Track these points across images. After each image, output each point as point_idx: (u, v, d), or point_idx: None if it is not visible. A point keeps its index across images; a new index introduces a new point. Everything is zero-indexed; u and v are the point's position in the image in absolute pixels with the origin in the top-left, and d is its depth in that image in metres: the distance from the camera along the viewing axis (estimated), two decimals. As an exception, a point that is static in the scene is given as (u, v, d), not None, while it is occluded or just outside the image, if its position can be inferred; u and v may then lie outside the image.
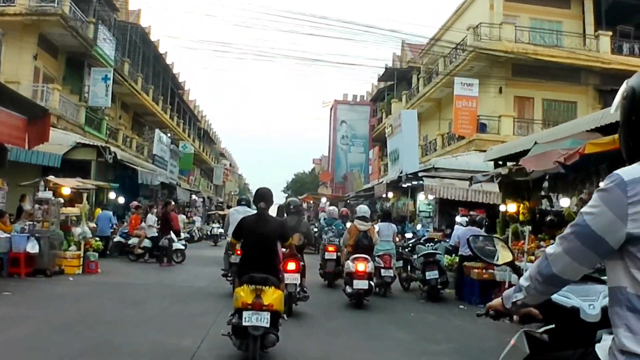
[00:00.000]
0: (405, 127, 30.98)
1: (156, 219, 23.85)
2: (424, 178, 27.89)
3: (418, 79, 44.95)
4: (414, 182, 29.81)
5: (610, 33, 33.29)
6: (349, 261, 14.20)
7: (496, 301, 3.07)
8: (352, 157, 54.75)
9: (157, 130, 42.27)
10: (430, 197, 28.47)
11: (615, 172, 2.40)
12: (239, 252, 10.24)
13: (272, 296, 7.65)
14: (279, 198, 58.80)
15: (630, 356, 2.26)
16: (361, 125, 55.82)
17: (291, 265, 11.66)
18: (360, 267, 13.75)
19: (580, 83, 33.45)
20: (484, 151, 30.17)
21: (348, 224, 17.71)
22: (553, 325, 3.18)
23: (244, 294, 7.65)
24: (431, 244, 18.66)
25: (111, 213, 25.05)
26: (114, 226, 25.24)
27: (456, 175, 28.11)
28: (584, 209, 2.47)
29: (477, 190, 27.02)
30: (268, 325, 7.51)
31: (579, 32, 34.25)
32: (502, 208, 18.98)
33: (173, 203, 26.68)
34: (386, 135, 35.49)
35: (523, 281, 2.76)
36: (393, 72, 49.92)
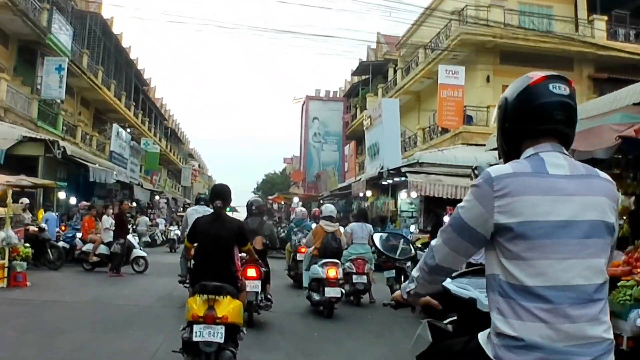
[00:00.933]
0: (386, 117, 27.79)
1: (113, 221, 20.33)
2: (407, 174, 25.12)
3: (395, 71, 42.06)
4: (396, 179, 26.80)
5: (606, 18, 30.65)
6: (316, 266, 12.83)
7: (397, 292, 3.25)
8: (325, 156, 51.51)
9: (114, 125, 38.66)
10: (414, 194, 25.59)
11: (486, 169, 2.66)
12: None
13: (228, 307, 6.78)
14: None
15: (502, 337, 2.47)
16: (334, 122, 52.65)
17: (251, 272, 10.73)
18: (332, 273, 12.47)
19: (574, 71, 30.76)
20: (473, 144, 27.54)
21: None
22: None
23: (196, 305, 6.78)
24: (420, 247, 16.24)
25: (55, 215, 21.50)
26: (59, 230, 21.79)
27: (443, 170, 25.57)
28: (460, 204, 2.72)
29: (468, 186, 23.87)
30: (222, 341, 6.62)
31: (571, 16, 31.36)
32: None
33: (133, 204, 23.04)
34: (364, 128, 32.36)
35: (414, 272, 2.95)
36: (368, 65, 46.98)
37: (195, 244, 7.65)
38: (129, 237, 20.59)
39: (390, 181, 27.88)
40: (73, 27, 34.54)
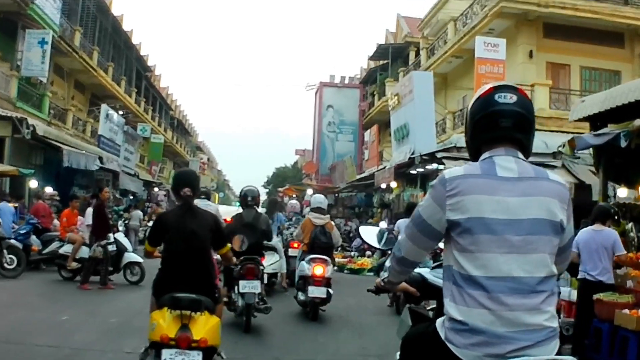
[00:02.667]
0: (418, 93, 23.40)
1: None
2: (444, 159, 20.67)
3: (418, 53, 37.52)
4: (429, 166, 22.45)
5: (664, -15, 26.22)
6: (304, 262, 11.63)
7: (377, 280, 3.72)
8: (339, 146, 47.15)
9: (103, 106, 33.67)
10: None
11: (442, 171, 3.16)
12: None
13: (206, 326, 5.32)
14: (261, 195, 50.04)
15: (452, 321, 2.74)
16: (350, 110, 48.25)
17: (250, 270, 9.65)
18: (318, 270, 11.25)
19: (625, 48, 26.79)
20: None
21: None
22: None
23: (165, 322, 5.23)
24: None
25: (12, 207, 17.06)
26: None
27: None
28: (420, 203, 3.04)
29: None
30: None
31: (626, -16, 27.08)
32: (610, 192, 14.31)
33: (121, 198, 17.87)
34: (390, 108, 27.96)
35: (387, 263, 3.70)
36: (387, 49, 42.44)
37: (160, 246, 6.10)
38: (120, 236, 16.00)
39: (420, 170, 23.56)
40: (63, 1, 30.18)
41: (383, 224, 21.25)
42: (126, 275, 15.43)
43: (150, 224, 13.42)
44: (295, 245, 15.08)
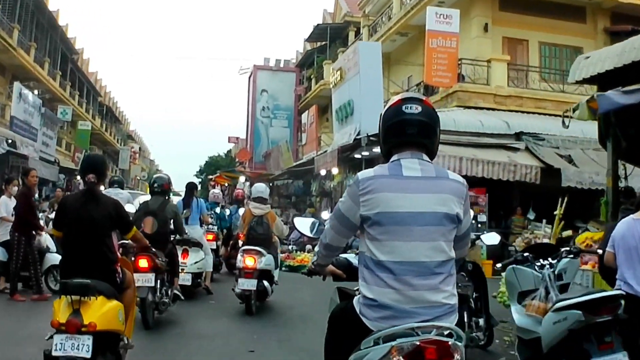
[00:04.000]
0: (364, 66, 20.27)
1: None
2: None
3: (358, 32, 34.45)
4: (377, 149, 19.20)
5: (626, -44, 23.75)
6: (239, 254, 10.74)
7: (310, 264, 4.01)
8: (274, 132, 43.67)
9: (16, 84, 29.45)
10: None
11: (358, 173, 3.40)
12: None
13: (99, 310, 5.20)
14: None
15: (364, 298, 3.21)
16: (285, 94, 44.77)
17: (142, 263, 8.57)
18: (249, 261, 10.44)
19: (587, 23, 24.42)
20: (472, 107, 20.42)
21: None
22: None
23: (59, 308, 5.18)
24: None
25: None
26: None
27: (442, 138, 17.75)
28: (340, 199, 3.50)
29: (477, 159, 16.92)
30: (89, 355, 4.96)
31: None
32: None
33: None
34: (331, 86, 24.75)
35: (316, 248, 3.86)
36: (325, 29, 39.19)
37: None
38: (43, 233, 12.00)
39: (366, 154, 20.40)
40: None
41: (325, 214, 18.06)
42: (48, 282, 11.94)
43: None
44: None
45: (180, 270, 10.36)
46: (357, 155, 21.96)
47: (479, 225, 18.03)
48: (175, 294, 9.68)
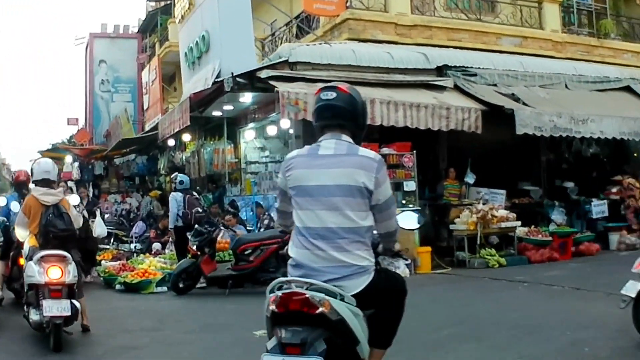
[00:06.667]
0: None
1: None
2: (270, 81, 11.94)
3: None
4: (248, 94, 12.68)
5: None
6: (32, 263, 6.95)
7: None
8: (115, 108, 35.55)
9: None
10: (286, 122, 12.31)
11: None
12: None
13: None
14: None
15: (290, 259, 3.52)
16: (127, 65, 36.77)
17: None
18: (54, 273, 6.77)
19: None
20: (368, 40, 14.31)
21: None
22: None
23: None
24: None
25: None
26: None
27: (336, 75, 12.25)
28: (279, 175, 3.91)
29: (394, 101, 10.83)
30: None
31: None
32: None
33: None
34: (177, 21, 17.37)
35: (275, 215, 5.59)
36: (168, -17, 31.58)
37: None
38: None
39: (229, 107, 13.47)
40: None
41: (177, 196, 11.16)
42: None
43: None
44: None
45: None
46: (217, 112, 14.99)
47: (406, 199, 11.75)
48: None
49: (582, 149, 14.61)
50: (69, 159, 24.69)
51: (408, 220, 4.35)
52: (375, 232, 3.62)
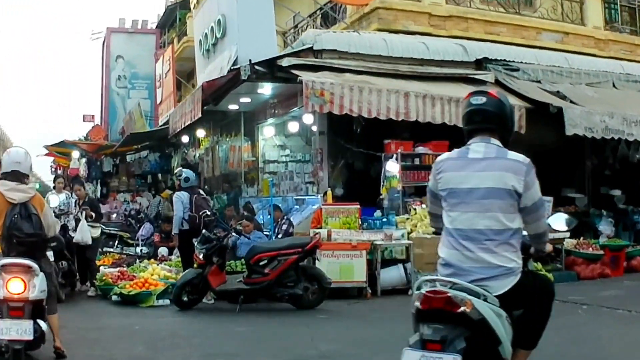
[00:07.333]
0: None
1: None
2: (293, 70, 10.73)
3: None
4: (268, 85, 11.41)
5: None
6: None
7: None
8: (132, 104, 34.30)
9: None
10: (310, 117, 10.80)
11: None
12: None
13: None
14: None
15: (440, 258, 3.59)
16: (144, 61, 35.50)
17: None
18: (15, 286, 5.57)
19: None
20: (399, 32, 12.98)
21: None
22: None
23: None
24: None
25: None
26: None
27: (371, 65, 11.39)
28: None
29: (431, 96, 9.32)
30: None
31: None
32: None
33: None
34: (192, 6, 16.10)
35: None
36: (188, -21, 30.46)
37: None
38: None
39: (246, 100, 12.17)
40: None
41: (182, 196, 9.75)
42: None
43: None
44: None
45: None
46: (233, 106, 13.67)
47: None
48: None
49: (630, 154, 13.18)
50: (75, 154, 23.31)
51: (558, 221, 4.48)
52: (525, 233, 3.64)
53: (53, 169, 30.25)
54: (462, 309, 3.20)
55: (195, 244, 8.60)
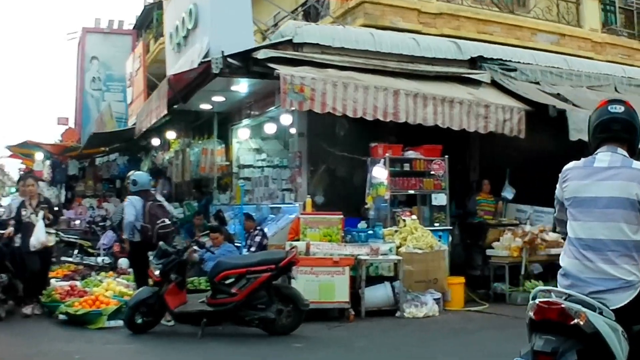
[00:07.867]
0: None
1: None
2: (270, 64, 9.58)
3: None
4: (242, 80, 10.19)
5: None
6: None
7: None
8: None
9: None
10: (289, 117, 9.46)
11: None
12: None
13: None
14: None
15: (561, 268, 3.51)
16: (120, 62, 33.78)
17: None
18: None
19: None
20: (386, 29, 12.19)
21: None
22: None
23: None
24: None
25: None
26: None
27: (357, 61, 10.28)
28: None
29: (423, 95, 8.14)
30: None
31: None
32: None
33: None
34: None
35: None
36: (166, -23, 29.15)
37: None
38: None
39: (220, 99, 11.04)
40: None
41: (135, 201, 8.46)
42: None
43: None
44: None
45: None
46: (206, 105, 12.51)
47: (434, 215, 9.37)
48: None
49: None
50: (39, 156, 21.88)
51: None
52: None
53: (21, 172, 28.75)
54: (575, 321, 3.14)
55: (151, 258, 7.38)
